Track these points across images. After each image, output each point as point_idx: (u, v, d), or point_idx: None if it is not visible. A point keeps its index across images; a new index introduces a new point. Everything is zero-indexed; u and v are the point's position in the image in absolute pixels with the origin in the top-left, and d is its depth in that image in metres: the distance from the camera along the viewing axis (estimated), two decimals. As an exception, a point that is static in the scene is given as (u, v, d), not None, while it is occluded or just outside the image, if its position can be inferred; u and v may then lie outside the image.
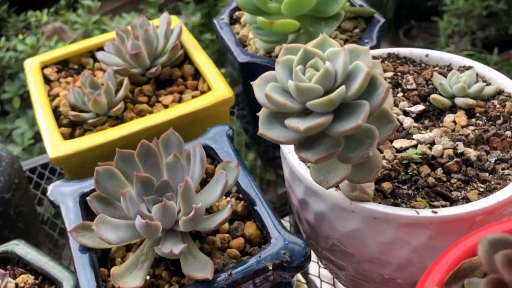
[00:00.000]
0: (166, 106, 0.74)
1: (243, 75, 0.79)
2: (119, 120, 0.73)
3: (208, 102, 0.71)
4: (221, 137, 0.67)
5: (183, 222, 0.51)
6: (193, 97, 0.75)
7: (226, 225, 0.59)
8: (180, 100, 0.75)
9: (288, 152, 0.59)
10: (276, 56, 0.77)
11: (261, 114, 0.46)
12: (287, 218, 0.92)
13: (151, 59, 0.77)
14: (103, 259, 0.57)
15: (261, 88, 0.46)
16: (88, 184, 0.63)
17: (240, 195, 0.62)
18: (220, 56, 2.13)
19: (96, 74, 0.82)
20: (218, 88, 0.73)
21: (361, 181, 0.50)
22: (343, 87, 0.42)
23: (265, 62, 0.75)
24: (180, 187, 0.53)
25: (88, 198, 0.55)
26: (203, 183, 0.64)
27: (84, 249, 0.55)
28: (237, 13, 0.89)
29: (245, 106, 0.86)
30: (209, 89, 0.75)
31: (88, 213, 0.61)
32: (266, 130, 0.45)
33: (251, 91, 0.82)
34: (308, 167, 0.57)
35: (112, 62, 0.77)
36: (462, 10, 2.67)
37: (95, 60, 0.85)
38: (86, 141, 0.67)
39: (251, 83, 0.47)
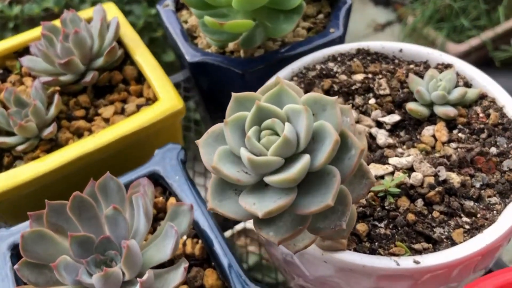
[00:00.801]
0: (107, 120, 0.65)
1: (194, 73, 0.69)
2: (53, 142, 0.63)
3: (155, 116, 0.62)
4: (171, 161, 0.59)
5: (131, 293, 0.44)
6: (138, 106, 0.65)
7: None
8: (122, 111, 0.66)
9: (248, 188, 0.51)
10: (231, 52, 0.68)
11: (211, 183, 0.38)
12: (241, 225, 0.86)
13: (85, 62, 0.66)
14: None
15: (209, 149, 0.37)
16: (21, 230, 0.54)
17: (197, 233, 0.54)
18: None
19: (25, 82, 0.70)
20: (166, 98, 0.63)
21: (334, 239, 0.43)
22: (307, 158, 0.34)
23: (218, 61, 0.65)
24: (123, 247, 0.46)
25: (16, 266, 0.47)
26: (154, 219, 0.56)
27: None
28: (184, -4, 0.77)
29: (200, 103, 0.76)
30: (155, 96, 0.66)
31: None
32: (218, 203, 0.37)
33: (205, 91, 0.73)
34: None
35: (40, 68, 0.66)
36: None
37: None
38: (14, 176, 0.58)
39: (196, 142, 0.38)
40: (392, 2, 2.68)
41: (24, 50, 0.72)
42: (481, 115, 0.56)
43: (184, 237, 0.55)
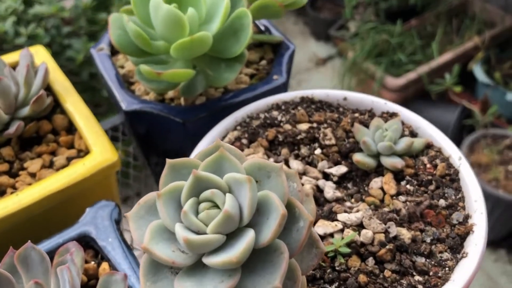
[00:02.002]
0: (33, 175, 0.59)
1: (131, 125, 0.65)
2: (-30, 202, 0.56)
3: (86, 171, 0.57)
4: (103, 222, 0.54)
5: None
6: (68, 158, 0.60)
7: None
8: (51, 164, 0.60)
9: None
10: (171, 99, 0.64)
11: (142, 262, 0.33)
12: None
13: (9, 111, 0.61)
14: None
15: (141, 223, 0.33)
16: None
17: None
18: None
19: None
20: (99, 151, 0.59)
21: (282, 312, 0.39)
22: (251, 234, 0.30)
23: (157, 110, 0.61)
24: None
25: None
26: (86, 286, 0.51)
27: None
28: (119, 39, 0.73)
29: (140, 155, 0.72)
30: (87, 148, 0.61)
31: None
32: (150, 284, 0.32)
33: (144, 142, 0.69)
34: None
35: (-44, 119, 0.60)
36: (365, -19, 2.65)
37: None
38: None
39: (125, 215, 0.34)
40: (333, 37, 2.75)
41: None
42: (428, 165, 0.54)
43: (119, 308, 0.50)
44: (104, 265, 0.51)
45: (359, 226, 0.49)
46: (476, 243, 0.47)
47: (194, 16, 0.56)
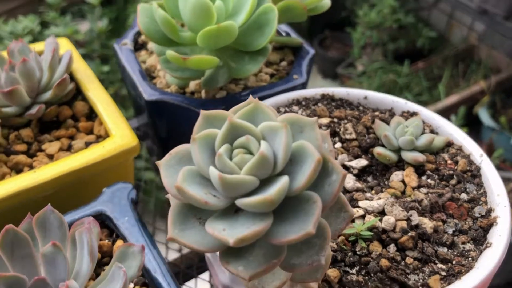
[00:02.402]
0: (50, 156, 0.59)
1: (151, 114, 0.65)
2: (-14, 178, 0.56)
3: (105, 153, 0.57)
4: (121, 202, 0.53)
5: None
6: (87, 143, 0.60)
7: (128, 327, 0.45)
8: (69, 148, 0.60)
9: (208, 229, 0.46)
10: (192, 93, 0.65)
11: (171, 209, 0.33)
12: (206, 275, 0.79)
13: (32, 95, 0.61)
14: None
15: (171, 171, 0.33)
16: None
17: (146, 281, 0.48)
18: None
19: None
20: (119, 134, 0.59)
21: (306, 281, 0.38)
22: (286, 179, 0.30)
23: (178, 100, 0.62)
24: (63, 290, 0.39)
25: None
26: (98, 264, 0.50)
27: None
28: (143, 37, 0.75)
29: (155, 143, 0.72)
30: (107, 133, 0.61)
31: None
32: (179, 233, 0.32)
33: (162, 132, 0.69)
34: (234, 251, 0.45)
35: (-21, 98, 0.60)
36: (374, 22, 2.71)
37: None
38: None
39: (157, 163, 0.34)
40: (340, 75, 2.78)
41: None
42: (449, 161, 0.54)
43: (132, 285, 0.48)
44: (119, 243, 0.50)
45: (381, 213, 0.49)
46: (500, 234, 0.46)
47: (221, 8, 0.57)
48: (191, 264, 0.77)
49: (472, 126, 2.16)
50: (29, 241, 0.42)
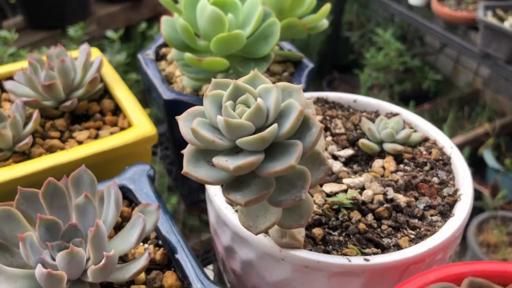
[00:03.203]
0: (80, 143, 0.68)
1: (168, 113, 0.74)
2: (25, 156, 0.65)
3: (128, 139, 0.66)
4: (140, 177, 0.62)
5: (93, 272, 0.45)
6: (112, 133, 0.69)
7: (142, 275, 0.53)
8: (96, 137, 0.69)
9: (215, 194, 0.55)
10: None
11: (186, 151, 0.42)
12: (210, 266, 0.86)
13: (66, 91, 0.71)
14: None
15: (187, 123, 0.42)
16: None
17: (160, 242, 0.56)
18: (145, 96, 2.07)
19: (3, 106, 0.74)
20: (140, 125, 0.68)
21: (292, 226, 0.46)
22: (275, 125, 0.39)
23: (192, 100, 0.71)
24: (90, 232, 0.47)
25: (-21, 244, 0.47)
26: (118, 228, 0.58)
27: (-29, 305, 0.47)
28: (163, 49, 0.86)
29: (170, 145, 0.81)
30: (130, 126, 0.70)
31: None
32: (192, 168, 0.40)
33: (177, 130, 0.78)
34: (236, 211, 0.53)
35: (22, 93, 0.70)
36: (381, 65, 2.82)
37: (3, 90, 0.77)
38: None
39: (176, 117, 0.43)
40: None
41: (6, 79, 0.76)
42: (424, 152, 0.63)
43: (146, 245, 0.56)
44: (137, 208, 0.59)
45: (361, 189, 0.57)
46: (462, 207, 0.54)
47: (232, 20, 0.68)
48: (197, 255, 0.84)
49: (477, 167, 2.21)
50: (66, 193, 0.50)
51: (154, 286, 0.52)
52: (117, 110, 0.74)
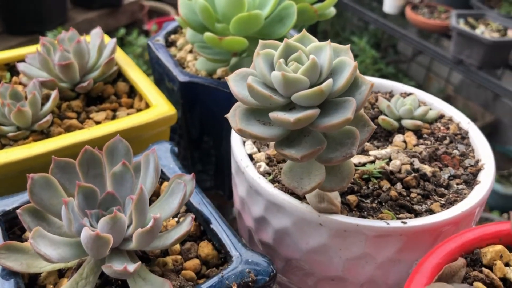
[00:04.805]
0: (98, 123, 0.67)
1: (184, 96, 0.74)
2: (44, 135, 0.64)
3: (148, 118, 0.66)
4: (165, 154, 0.61)
5: (139, 236, 0.44)
6: (129, 114, 0.69)
7: (177, 247, 0.52)
8: (113, 118, 0.69)
9: (246, 166, 0.55)
10: (219, 78, 0.75)
11: (237, 110, 0.42)
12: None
13: (81, 73, 0.70)
14: (30, 287, 0.48)
15: (239, 82, 0.42)
16: (9, 202, 0.54)
17: (191, 212, 0.56)
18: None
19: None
20: (159, 105, 0.68)
21: (334, 189, 0.47)
22: (330, 79, 0.40)
23: (208, 82, 0.72)
24: (131, 199, 0.47)
25: (18, 211, 0.46)
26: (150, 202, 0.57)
27: (9, 273, 0.46)
28: (172, 36, 0.86)
29: (183, 132, 0.81)
30: (147, 107, 0.70)
31: (10, 236, 0.52)
32: (245, 126, 0.41)
33: (192, 114, 0.78)
34: (270, 181, 0.54)
35: (36, 74, 0.69)
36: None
37: (12, 74, 0.76)
38: (3, 155, 0.58)
39: (225, 78, 0.43)
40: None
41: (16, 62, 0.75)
42: (442, 128, 0.65)
43: (176, 218, 0.56)
44: (166, 184, 0.59)
45: (389, 160, 0.58)
46: (487, 174, 0.56)
47: (250, 1, 0.69)
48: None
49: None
50: (102, 161, 0.50)
51: (190, 256, 0.52)
52: (131, 93, 0.74)
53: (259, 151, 0.59)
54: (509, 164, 2.49)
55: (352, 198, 0.52)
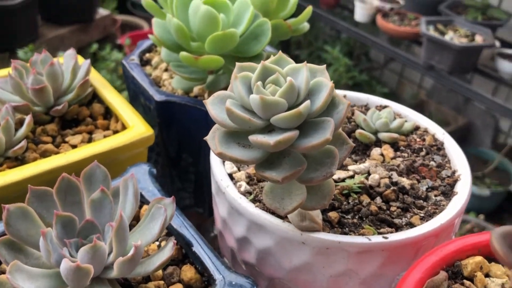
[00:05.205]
0: (74, 147, 0.66)
1: (160, 116, 0.74)
2: (19, 161, 0.63)
3: (126, 140, 0.65)
4: (144, 176, 0.61)
5: (120, 265, 0.44)
6: (105, 136, 0.68)
7: (159, 272, 0.52)
8: (90, 141, 0.68)
9: (227, 186, 0.55)
10: (196, 96, 0.75)
11: (216, 134, 0.42)
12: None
13: (55, 96, 0.69)
14: (9, 321, 0.47)
15: (217, 106, 0.42)
16: (-15, 232, 0.52)
17: (172, 235, 0.55)
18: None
19: (-14, 114, 0.71)
20: (136, 126, 0.67)
21: (315, 207, 0.47)
22: (308, 101, 0.40)
23: (185, 101, 0.71)
24: (111, 226, 0.46)
25: (-6, 244, 0.45)
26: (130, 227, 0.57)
27: (-14, 309, 0.45)
28: (147, 54, 0.85)
29: (161, 150, 0.80)
30: (123, 128, 0.69)
31: (-14, 268, 0.50)
32: (225, 149, 0.41)
33: (169, 133, 0.78)
34: (251, 200, 0.53)
35: (8, 99, 0.68)
36: (331, 80, 2.88)
37: (-17, 99, 0.74)
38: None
39: (204, 101, 0.43)
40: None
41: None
42: (418, 139, 0.66)
43: (157, 242, 0.55)
44: (145, 207, 0.58)
45: (367, 174, 0.59)
46: (463, 185, 0.57)
47: (224, 19, 0.69)
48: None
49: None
50: (80, 188, 0.49)
51: (172, 280, 0.51)
52: (107, 114, 0.73)
53: (239, 170, 0.59)
54: (482, 166, 2.54)
55: (333, 214, 0.53)
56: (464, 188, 0.57)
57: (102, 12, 2.73)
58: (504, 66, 2.15)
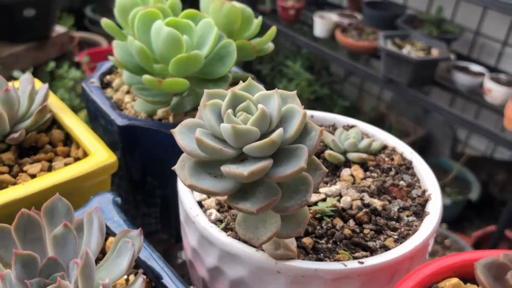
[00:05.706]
0: (33, 176, 0.63)
1: (123, 140, 0.71)
2: (-28, 195, 0.59)
3: (88, 168, 0.62)
4: (108, 206, 0.58)
5: (86, 306, 0.41)
6: (66, 165, 0.65)
7: (128, 307, 0.49)
8: (50, 169, 0.65)
9: (196, 215, 0.53)
10: (160, 119, 0.73)
11: (186, 164, 0.40)
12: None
13: (11, 123, 0.66)
14: None
15: (185, 135, 0.40)
16: None
17: (140, 271, 0.53)
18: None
19: None
20: (98, 153, 0.64)
21: (291, 235, 0.46)
22: (281, 129, 0.39)
23: (148, 124, 0.69)
24: (75, 263, 0.44)
25: None
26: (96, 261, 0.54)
27: None
28: (108, 77, 0.83)
29: (124, 174, 0.77)
30: (85, 155, 0.66)
31: None
32: (196, 181, 0.39)
33: (133, 157, 0.75)
34: (222, 229, 0.52)
35: (-41, 127, 0.64)
36: (293, 94, 2.90)
37: None
38: None
39: (172, 130, 0.41)
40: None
41: None
42: (386, 159, 0.66)
43: (125, 276, 0.53)
44: (111, 239, 0.55)
45: (339, 196, 0.58)
46: (434, 204, 0.57)
47: (188, 41, 0.67)
48: None
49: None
50: (41, 224, 0.46)
51: (142, 317, 0.49)
52: (67, 140, 0.70)
53: (208, 197, 0.57)
54: (443, 175, 2.59)
55: (307, 240, 0.51)
56: (435, 208, 0.57)
57: (59, 29, 2.66)
58: (459, 78, 2.21)
